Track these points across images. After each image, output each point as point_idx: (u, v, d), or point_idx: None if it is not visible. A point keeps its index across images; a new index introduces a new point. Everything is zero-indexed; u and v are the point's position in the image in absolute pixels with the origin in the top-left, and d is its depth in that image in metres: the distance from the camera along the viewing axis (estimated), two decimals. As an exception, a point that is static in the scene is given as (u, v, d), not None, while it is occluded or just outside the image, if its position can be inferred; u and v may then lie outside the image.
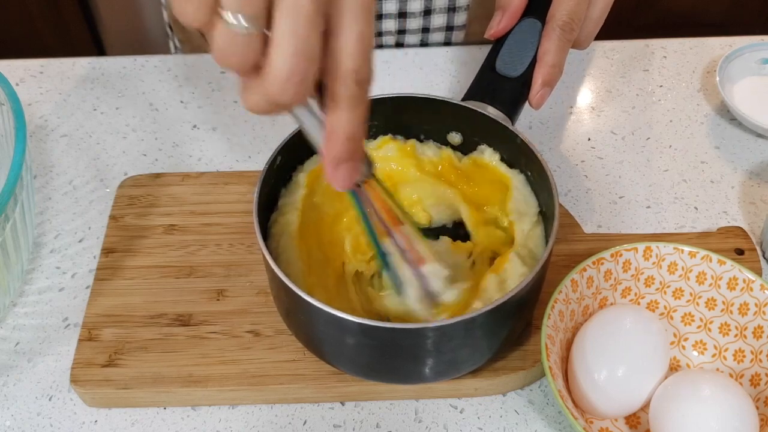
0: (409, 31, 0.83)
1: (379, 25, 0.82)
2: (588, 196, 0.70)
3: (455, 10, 0.82)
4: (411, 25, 0.83)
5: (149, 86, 0.80)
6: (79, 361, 0.58)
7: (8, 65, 0.81)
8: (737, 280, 0.57)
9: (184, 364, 0.57)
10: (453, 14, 0.82)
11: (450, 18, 0.83)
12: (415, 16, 0.82)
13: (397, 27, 0.82)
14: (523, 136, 0.57)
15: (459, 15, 0.83)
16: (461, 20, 0.83)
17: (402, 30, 0.83)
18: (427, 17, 0.82)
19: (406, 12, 0.81)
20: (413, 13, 0.81)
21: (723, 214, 0.69)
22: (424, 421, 0.57)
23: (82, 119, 0.77)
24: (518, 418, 0.57)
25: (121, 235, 0.65)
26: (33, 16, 1.70)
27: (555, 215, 0.53)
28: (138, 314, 0.60)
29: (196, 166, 0.73)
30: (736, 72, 0.78)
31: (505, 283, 0.54)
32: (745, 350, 0.56)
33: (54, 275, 0.65)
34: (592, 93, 0.79)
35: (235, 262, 0.63)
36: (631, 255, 0.58)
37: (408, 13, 0.81)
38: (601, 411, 0.54)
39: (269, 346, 0.58)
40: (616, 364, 0.53)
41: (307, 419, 0.57)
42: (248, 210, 0.66)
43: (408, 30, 0.83)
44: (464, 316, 0.48)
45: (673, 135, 0.75)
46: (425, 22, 0.82)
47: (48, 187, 0.71)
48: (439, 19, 0.83)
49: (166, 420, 0.57)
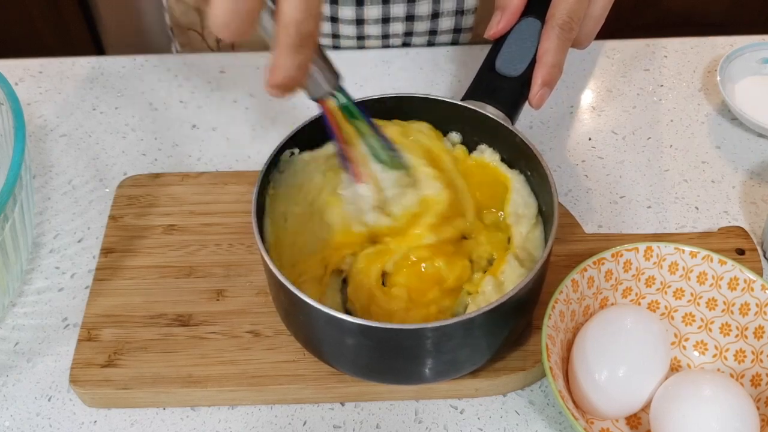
0: (416, 34, 0.83)
1: (387, 28, 0.82)
2: (588, 196, 0.70)
3: (463, 12, 0.82)
4: (418, 28, 0.82)
5: (149, 86, 0.79)
6: (79, 362, 0.57)
7: (8, 65, 0.81)
8: (738, 281, 0.56)
9: (184, 365, 0.57)
10: (461, 17, 0.82)
11: (458, 20, 0.83)
12: (423, 19, 0.81)
13: (404, 30, 0.82)
14: (522, 135, 0.57)
15: (467, 18, 0.82)
16: (469, 23, 0.83)
17: (409, 32, 0.83)
18: (435, 20, 0.82)
19: (414, 15, 0.81)
20: (421, 17, 0.81)
21: (724, 214, 0.69)
22: (424, 422, 0.57)
23: (82, 119, 0.77)
24: (519, 418, 0.57)
25: (121, 235, 0.65)
26: (33, 16, 1.70)
27: (554, 215, 0.53)
28: (137, 314, 0.60)
29: (196, 166, 0.73)
30: (737, 71, 0.78)
31: (503, 286, 0.54)
32: (746, 350, 0.56)
33: (53, 275, 0.65)
34: (593, 92, 0.79)
35: (235, 262, 0.63)
36: (632, 255, 0.58)
37: (416, 17, 0.81)
38: (601, 411, 0.54)
39: (269, 347, 0.58)
40: (617, 364, 0.53)
41: (307, 420, 0.57)
42: (248, 210, 0.65)
43: (415, 32, 0.83)
44: (463, 317, 0.48)
45: (673, 135, 0.75)
46: (433, 25, 0.82)
47: (47, 187, 0.71)
48: (446, 22, 0.82)
49: (166, 420, 0.57)
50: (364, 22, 0.81)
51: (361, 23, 0.81)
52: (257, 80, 0.79)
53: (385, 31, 0.82)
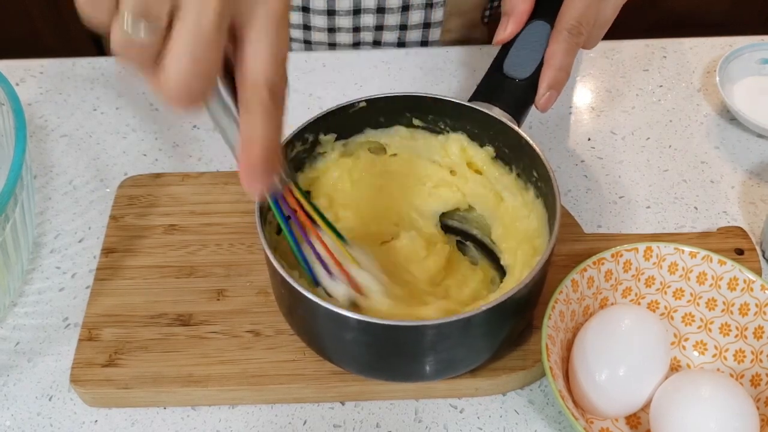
0: (387, 28, 0.83)
1: (358, 20, 0.82)
2: (588, 196, 0.70)
3: (432, 6, 0.82)
4: (389, 21, 0.83)
5: (149, 86, 0.79)
6: (79, 361, 0.58)
7: (8, 65, 0.81)
8: (738, 281, 0.56)
9: (184, 364, 0.57)
10: (430, 10, 0.83)
11: (427, 14, 0.83)
12: (393, 12, 0.82)
13: (375, 23, 0.83)
14: (528, 137, 0.57)
15: (436, 11, 0.83)
16: (438, 17, 0.83)
17: (380, 26, 0.83)
18: (405, 13, 0.82)
19: (384, 8, 0.81)
20: (391, 9, 0.81)
21: (723, 214, 0.69)
22: (424, 421, 0.57)
23: (82, 119, 0.77)
24: (518, 418, 0.57)
25: (121, 235, 0.65)
26: (33, 16, 1.70)
27: (556, 217, 0.53)
28: (138, 314, 0.60)
29: (196, 166, 0.73)
30: (736, 72, 0.78)
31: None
32: (746, 350, 0.56)
33: (54, 275, 0.65)
34: (592, 93, 0.79)
35: (235, 262, 0.63)
36: (631, 255, 0.58)
37: (386, 9, 0.81)
38: (601, 411, 0.54)
39: (269, 346, 0.58)
40: (617, 364, 0.53)
41: (307, 419, 0.57)
42: (248, 210, 0.66)
43: (386, 26, 0.83)
44: (463, 315, 0.48)
45: (672, 135, 0.75)
46: (403, 18, 0.83)
47: (48, 187, 0.71)
48: (416, 16, 0.83)
49: (166, 420, 0.57)
50: (335, 13, 0.81)
51: (332, 14, 0.81)
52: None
53: (356, 23, 0.83)
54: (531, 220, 0.58)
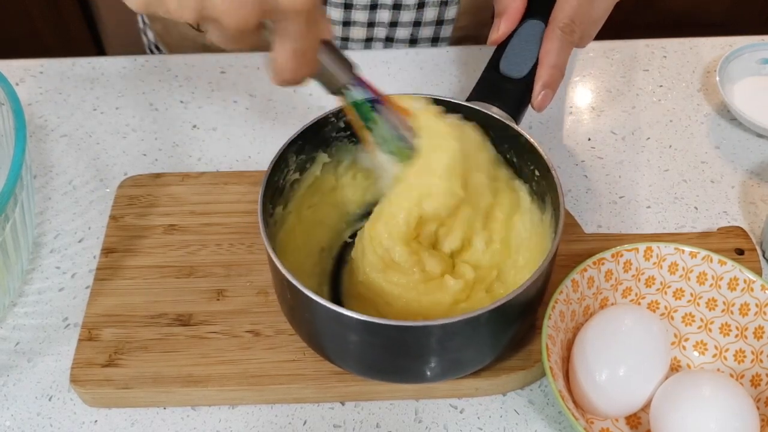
0: (401, 24, 0.84)
1: (374, 15, 0.82)
2: (588, 196, 0.70)
3: (447, 3, 0.83)
4: (404, 18, 0.83)
5: (149, 86, 0.80)
6: (79, 361, 0.58)
7: (8, 65, 0.81)
8: (738, 281, 0.56)
9: (184, 364, 0.57)
10: (444, 8, 0.83)
11: (441, 11, 0.83)
12: (409, 8, 0.82)
13: (390, 18, 0.83)
14: (527, 135, 0.56)
15: (450, 9, 0.83)
16: (451, 14, 0.84)
17: (394, 22, 0.83)
18: (420, 10, 0.83)
19: (401, 4, 0.81)
20: (407, 6, 0.82)
21: (723, 214, 0.69)
22: (424, 421, 0.57)
23: (82, 119, 0.77)
24: (518, 418, 0.57)
25: (121, 235, 0.65)
26: (33, 16, 1.70)
27: (560, 215, 0.53)
28: (138, 314, 0.60)
29: (196, 166, 0.73)
30: (736, 72, 0.78)
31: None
32: (746, 351, 0.56)
33: (54, 275, 0.65)
34: (592, 93, 0.79)
35: (235, 262, 0.63)
36: (631, 255, 0.58)
37: (403, 5, 0.82)
38: (601, 411, 0.54)
39: (269, 346, 0.58)
40: (617, 364, 0.53)
41: (307, 419, 0.57)
42: (248, 210, 0.66)
43: (400, 23, 0.84)
44: (469, 314, 0.48)
45: (673, 135, 0.75)
46: (418, 15, 0.83)
47: (48, 187, 0.71)
48: (430, 13, 0.83)
49: (166, 420, 0.57)
50: (352, 6, 0.81)
51: (349, 7, 0.81)
52: (258, 80, 0.80)
53: (372, 18, 0.83)
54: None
